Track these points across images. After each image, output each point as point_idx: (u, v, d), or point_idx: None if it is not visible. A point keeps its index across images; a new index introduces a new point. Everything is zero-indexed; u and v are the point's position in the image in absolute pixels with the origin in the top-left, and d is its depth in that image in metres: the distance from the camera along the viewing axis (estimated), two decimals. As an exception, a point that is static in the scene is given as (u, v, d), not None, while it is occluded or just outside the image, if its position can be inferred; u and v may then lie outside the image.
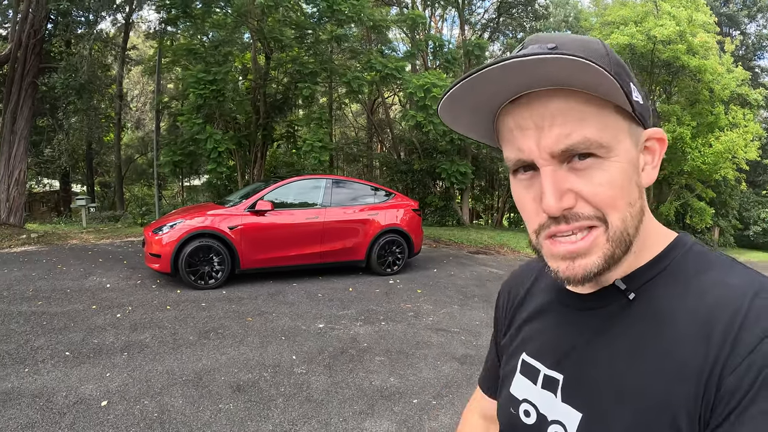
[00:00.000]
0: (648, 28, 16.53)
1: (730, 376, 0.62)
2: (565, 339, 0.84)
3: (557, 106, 0.69)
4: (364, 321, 6.67)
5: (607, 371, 0.75)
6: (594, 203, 0.70)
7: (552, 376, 0.84)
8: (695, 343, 0.66)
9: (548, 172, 0.71)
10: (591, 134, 0.69)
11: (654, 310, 0.74)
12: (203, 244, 7.82)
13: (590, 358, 0.78)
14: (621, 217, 0.71)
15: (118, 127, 21.78)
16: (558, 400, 0.81)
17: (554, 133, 0.69)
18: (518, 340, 0.97)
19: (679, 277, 0.75)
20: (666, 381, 0.67)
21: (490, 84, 0.69)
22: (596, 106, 0.69)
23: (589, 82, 0.66)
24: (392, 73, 13.31)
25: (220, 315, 6.58)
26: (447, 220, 20.35)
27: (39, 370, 4.71)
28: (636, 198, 0.73)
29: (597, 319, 0.80)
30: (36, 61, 13.56)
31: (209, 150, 12.59)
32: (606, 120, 0.70)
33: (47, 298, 6.95)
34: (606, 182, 0.70)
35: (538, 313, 0.95)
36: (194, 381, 4.60)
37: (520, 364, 0.93)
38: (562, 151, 0.69)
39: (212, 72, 12.44)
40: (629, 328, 0.75)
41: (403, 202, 10.00)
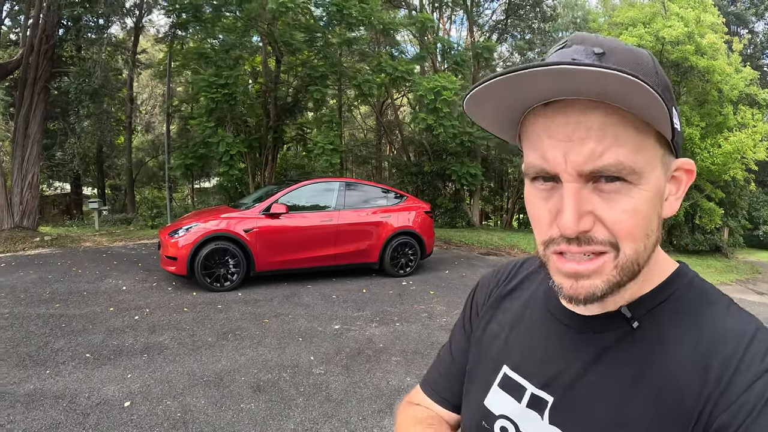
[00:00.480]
0: (656, 29, 16.43)
1: (723, 414, 0.64)
2: (559, 359, 0.81)
3: (596, 120, 0.64)
4: (379, 322, 6.72)
5: (604, 398, 0.73)
6: (613, 231, 0.67)
7: (540, 396, 0.81)
8: (692, 380, 0.68)
9: (572, 189, 0.66)
10: (625, 158, 0.65)
11: (655, 341, 0.73)
12: (219, 246, 7.89)
13: (586, 382, 0.76)
14: (635, 248, 0.68)
15: (128, 131, 21.86)
16: (544, 422, 0.79)
17: (586, 150, 0.64)
18: (497, 347, 0.93)
19: (680, 310, 0.74)
20: (662, 413, 0.68)
21: (531, 84, 0.63)
22: (636, 128, 0.65)
23: (637, 102, 0.61)
24: (402, 76, 13.33)
25: (237, 317, 6.65)
26: (457, 221, 20.29)
27: (60, 371, 4.78)
28: (654, 229, 0.71)
29: (597, 344, 0.78)
30: (48, 66, 13.65)
31: (221, 153, 12.65)
32: (643, 145, 0.66)
33: (64, 301, 7.03)
34: (631, 210, 0.67)
35: (526, 323, 0.91)
36: (215, 381, 4.66)
37: (501, 377, 0.89)
38: (591, 171, 0.65)
39: (224, 76, 12.50)
40: (630, 356, 0.74)
41: (415, 205, 10.05)
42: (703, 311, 0.73)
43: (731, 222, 22.02)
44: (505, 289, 1.00)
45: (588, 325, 0.79)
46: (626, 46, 0.70)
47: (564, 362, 0.80)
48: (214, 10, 13.48)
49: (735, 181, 19.77)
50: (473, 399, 0.92)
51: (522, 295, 0.96)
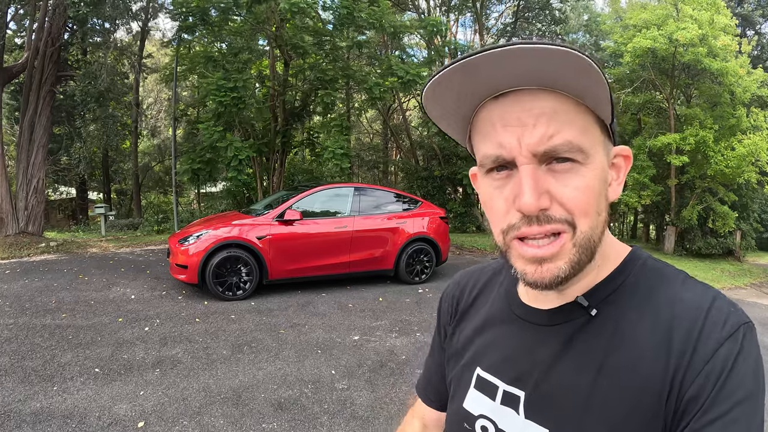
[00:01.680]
0: (670, 32, 16.25)
1: (691, 386, 0.66)
2: (525, 355, 0.83)
3: (545, 105, 0.69)
4: (399, 332, 6.47)
5: (572, 387, 0.75)
6: (568, 207, 0.70)
7: (512, 393, 0.83)
8: (656, 357, 0.70)
9: (529, 170, 0.70)
10: (574, 138, 0.69)
11: (615, 325, 0.75)
12: (231, 254, 7.65)
13: (554, 374, 0.78)
14: (589, 224, 0.72)
15: (134, 135, 21.77)
16: (520, 417, 0.81)
17: (538, 132, 0.69)
18: (470, 352, 0.96)
19: (637, 292, 0.77)
20: (632, 394, 0.70)
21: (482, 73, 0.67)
22: (582, 112, 0.71)
23: (583, 86, 0.67)
24: (414, 79, 13.12)
25: (252, 327, 6.41)
26: (467, 226, 20.13)
27: (68, 388, 4.55)
28: (603, 208, 0.74)
29: (558, 336, 0.80)
30: (54, 70, 13.51)
31: (230, 158, 12.42)
32: (587, 127, 0.71)
33: (71, 311, 6.81)
34: (582, 187, 0.70)
35: (491, 325, 0.94)
36: (233, 399, 4.41)
37: (475, 379, 0.91)
38: (545, 152, 0.69)
39: (233, 79, 12.29)
40: (592, 343, 0.76)
41: (430, 210, 9.79)
42: (658, 289, 0.76)
43: (743, 225, 21.83)
44: (470, 298, 1.03)
45: (548, 318, 0.82)
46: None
47: (530, 357, 0.82)
48: (221, 13, 13.26)
49: (747, 184, 19.56)
50: (454, 404, 0.96)
51: (486, 300, 0.99)
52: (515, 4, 24.39)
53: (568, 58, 0.63)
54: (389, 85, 13.47)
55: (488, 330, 0.93)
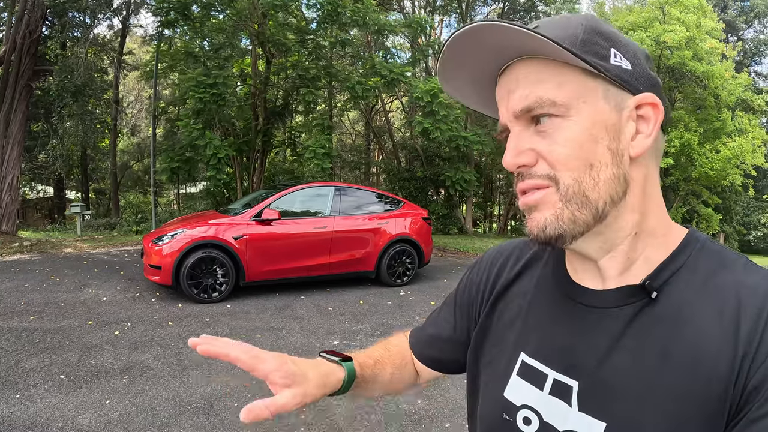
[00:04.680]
0: (657, 34, 16.27)
1: (755, 375, 0.63)
2: (579, 341, 0.77)
3: (521, 71, 0.73)
4: (380, 336, 6.23)
5: (632, 376, 0.71)
6: (549, 161, 0.71)
7: (564, 383, 0.77)
8: (723, 344, 0.66)
9: (514, 132, 0.74)
10: (544, 93, 0.71)
11: (677, 310, 0.71)
12: (206, 255, 7.41)
13: (612, 363, 0.73)
14: (574, 176, 0.70)
15: (113, 133, 21.42)
16: (573, 409, 0.75)
17: (517, 95, 0.73)
18: (512, 334, 0.88)
19: (697, 275, 0.72)
20: (698, 382, 0.66)
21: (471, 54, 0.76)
22: (555, 68, 0.71)
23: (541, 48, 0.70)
24: (397, 78, 12.97)
25: (227, 331, 6.18)
26: (450, 228, 20.02)
27: (32, 395, 4.32)
28: (606, 162, 0.71)
29: (617, 319, 0.74)
30: (31, 63, 13.22)
31: (208, 156, 12.19)
32: (567, 79, 0.71)
33: (40, 313, 6.58)
34: (562, 141, 0.71)
35: (537, 305, 0.87)
36: (205, 409, 4.18)
37: (519, 365, 0.84)
38: (521, 110, 0.73)
39: (212, 75, 12.06)
40: (652, 329, 0.71)
41: (412, 211, 9.61)
42: (720, 273, 0.72)
43: (727, 227, 22.00)
44: (511, 274, 0.95)
45: (603, 300, 0.77)
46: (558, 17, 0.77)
47: (585, 343, 0.77)
48: (202, 9, 13.02)
49: (731, 187, 19.72)
50: (491, 392, 0.88)
51: (531, 277, 0.92)
52: (500, 7, 24.35)
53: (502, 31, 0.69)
54: (372, 85, 13.31)
55: (534, 311, 0.87)
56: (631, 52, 0.74)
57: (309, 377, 0.86)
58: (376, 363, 1.07)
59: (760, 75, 35.75)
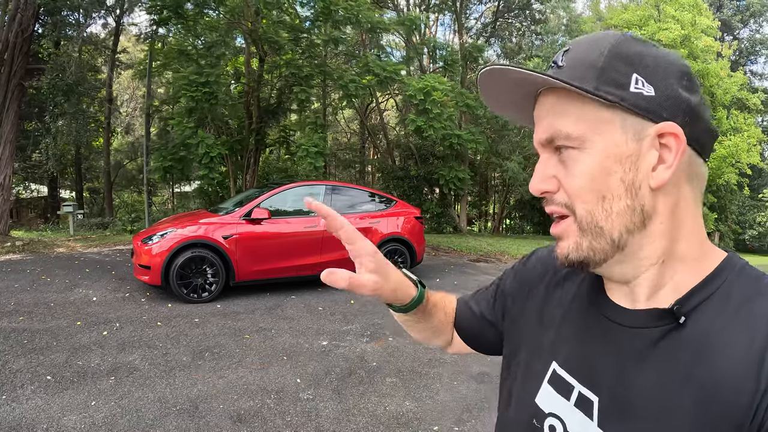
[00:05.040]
0: (651, 32, 16.23)
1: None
2: (602, 356, 0.78)
3: (548, 102, 0.77)
4: (370, 337, 6.23)
5: (651, 397, 0.70)
6: (566, 191, 0.74)
7: (587, 397, 0.78)
8: (746, 375, 0.63)
9: (542, 158, 0.78)
10: (563, 127, 0.73)
11: (704, 336, 0.69)
12: (196, 254, 7.35)
13: (630, 382, 0.73)
14: (587, 209, 0.72)
15: (107, 132, 21.31)
16: (593, 423, 0.76)
17: (542, 126, 0.77)
18: (548, 340, 0.89)
19: (730, 302, 0.70)
20: (716, 411, 0.64)
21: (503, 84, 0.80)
22: (575, 100, 0.73)
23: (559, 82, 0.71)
24: (391, 76, 12.92)
25: (215, 332, 6.13)
26: (444, 227, 20.00)
27: (17, 396, 4.28)
28: (619, 194, 0.71)
29: (641, 341, 0.74)
30: (23, 62, 13.13)
31: (201, 155, 12.13)
32: (583, 113, 0.72)
33: (29, 313, 6.52)
34: (577, 173, 0.73)
35: (574, 316, 0.87)
36: (189, 411, 4.15)
37: (551, 374, 0.85)
38: (545, 140, 0.77)
39: (204, 74, 11.99)
40: (677, 354, 0.70)
41: (404, 210, 9.57)
42: (754, 301, 0.69)
43: (722, 227, 21.99)
44: (555, 278, 0.96)
45: (632, 320, 0.77)
46: (589, 37, 0.78)
47: (607, 360, 0.77)
48: (196, 6, 12.95)
49: (726, 186, 19.69)
50: (524, 395, 0.89)
51: (572, 286, 0.92)
52: (495, 5, 24.32)
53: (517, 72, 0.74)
54: (366, 83, 13.27)
55: (570, 321, 0.88)
56: (659, 72, 0.72)
57: (391, 276, 0.94)
58: (436, 305, 1.12)
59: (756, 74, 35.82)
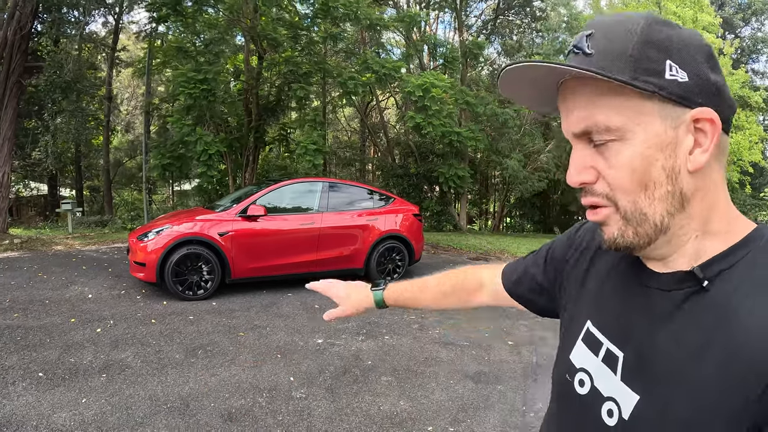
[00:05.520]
0: (652, 29, 16.16)
1: None
2: (630, 315, 0.82)
3: (582, 93, 0.75)
4: (366, 335, 6.18)
5: (670, 358, 0.73)
6: (609, 183, 0.75)
7: (613, 352, 0.82)
8: (763, 347, 0.64)
9: (576, 150, 0.78)
10: (602, 119, 0.73)
11: (726, 302, 0.70)
12: (191, 251, 7.30)
13: (653, 341, 0.76)
14: (631, 199, 0.74)
15: (106, 130, 21.26)
16: (617, 378, 0.80)
17: (575, 117, 0.77)
18: (586, 301, 0.95)
19: (755, 270, 0.71)
20: (732, 376, 0.65)
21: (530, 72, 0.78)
22: (611, 90, 0.72)
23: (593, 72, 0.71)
24: (390, 73, 12.87)
25: (210, 329, 6.08)
26: (444, 225, 19.92)
27: (9, 393, 4.25)
28: (661, 181, 0.73)
29: (666, 302, 0.77)
30: (22, 60, 13.08)
31: (199, 153, 12.09)
32: (621, 104, 0.72)
33: (24, 310, 6.49)
34: (619, 165, 0.73)
35: (609, 279, 0.92)
36: (180, 408, 4.10)
37: (584, 332, 0.91)
38: (580, 132, 0.77)
39: (203, 71, 11.95)
40: (699, 317, 0.72)
41: (403, 207, 9.51)
42: None
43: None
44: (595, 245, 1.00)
45: (660, 282, 0.80)
46: (614, 20, 0.76)
47: (635, 319, 0.81)
48: (194, 4, 12.90)
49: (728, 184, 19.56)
50: (562, 352, 0.96)
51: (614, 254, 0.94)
52: (495, 2, 24.23)
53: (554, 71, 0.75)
54: (365, 81, 13.22)
55: (605, 284, 0.93)
56: (689, 57, 0.73)
57: (351, 299, 1.47)
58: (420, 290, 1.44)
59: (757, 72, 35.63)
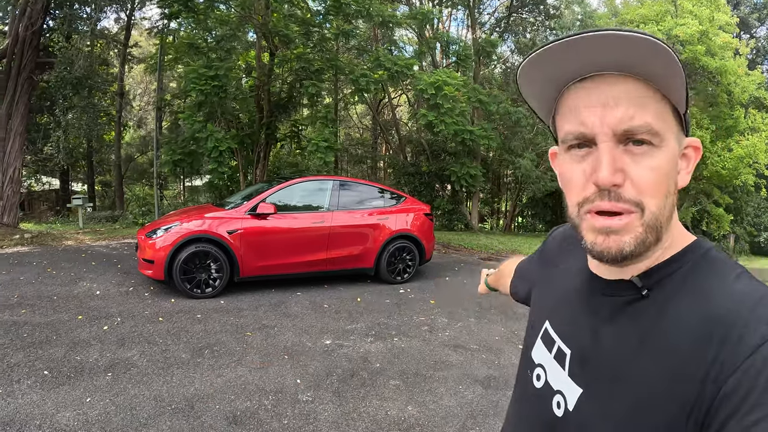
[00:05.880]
0: (668, 28, 15.89)
1: (729, 379, 0.65)
2: (579, 318, 0.89)
3: (624, 89, 0.74)
4: (375, 337, 6.09)
5: (610, 356, 0.79)
6: (640, 187, 0.73)
7: (562, 350, 0.90)
8: (698, 344, 0.69)
9: (607, 147, 0.74)
10: (651, 121, 0.73)
11: (663, 307, 0.77)
12: (200, 249, 7.22)
13: (598, 341, 0.83)
14: (658, 204, 0.75)
15: (118, 126, 21.31)
16: (565, 373, 0.87)
17: (619, 113, 0.73)
18: (548, 303, 1.03)
19: (691, 279, 0.78)
20: (667, 376, 0.70)
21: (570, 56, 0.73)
22: (658, 99, 0.74)
23: (662, 74, 0.72)
24: (402, 71, 12.74)
25: (217, 329, 6.01)
26: (455, 224, 19.78)
27: (13, 391, 4.19)
28: (673, 191, 0.77)
29: (610, 306, 0.83)
30: (33, 56, 13.06)
31: (210, 149, 12.04)
32: (662, 113, 0.75)
33: (32, 306, 6.46)
34: (654, 168, 0.74)
35: (566, 283, 0.99)
36: (185, 410, 4.03)
37: (543, 331, 0.98)
38: (624, 131, 0.73)
39: (214, 67, 11.88)
40: (638, 320, 0.78)
41: (414, 206, 9.39)
42: (711, 279, 0.76)
43: (737, 228, 21.61)
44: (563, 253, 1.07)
45: (605, 288, 0.86)
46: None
47: (581, 321, 0.89)
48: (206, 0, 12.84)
49: (742, 187, 19.31)
50: (526, 351, 1.04)
51: (570, 259, 1.03)
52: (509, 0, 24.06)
53: (654, 48, 0.68)
54: (377, 78, 13.11)
55: (565, 288, 0.99)
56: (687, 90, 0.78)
57: None
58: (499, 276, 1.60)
59: (774, 73, 35.28)
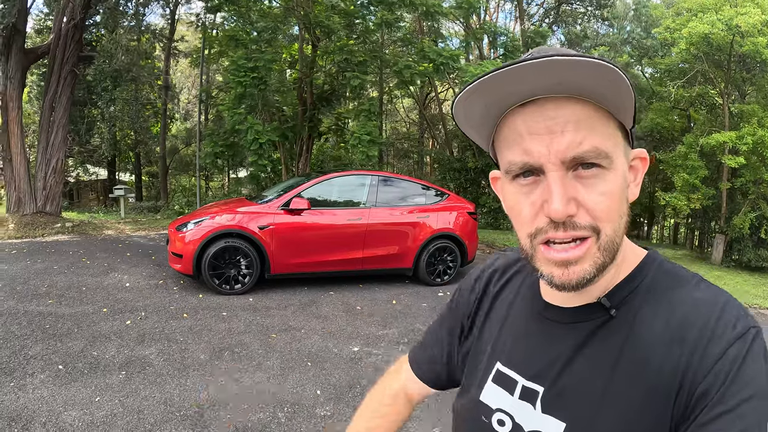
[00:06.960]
0: (729, 17, 14.91)
1: (701, 383, 0.67)
2: (545, 351, 0.85)
3: (571, 112, 0.70)
4: (407, 345, 5.67)
5: (589, 382, 0.77)
6: (594, 214, 0.71)
7: (531, 388, 0.85)
8: (669, 354, 0.71)
9: (557, 177, 0.71)
10: (600, 144, 0.70)
11: (631, 324, 0.77)
12: (230, 244, 6.98)
13: (573, 370, 0.80)
14: (613, 227, 0.73)
15: (164, 118, 21.59)
16: (537, 411, 0.82)
17: (566, 140, 0.70)
18: (491, 346, 0.96)
19: (652, 292, 0.79)
20: (645, 389, 0.71)
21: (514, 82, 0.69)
22: (604, 117, 0.72)
23: (610, 95, 0.69)
24: (447, 63, 12.32)
25: (241, 328, 5.74)
26: (501, 222, 19.20)
27: (25, 385, 4.07)
28: (625, 211, 0.76)
29: (578, 333, 0.81)
30: (75, 49, 13.20)
31: (250, 141, 11.86)
32: (610, 132, 0.72)
33: (60, 296, 6.39)
34: (607, 192, 0.72)
35: (514, 320, 0.94)
36: (193, 418, 3.74)
37: (494, 373, 0.92)
38: (573, 158, 0.70)
39: (253, 59, 11.71)
40: (609, 341, 0.78)
41: (457, 204, 8.90)
42: (673, 290, 0.78)
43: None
44: (494, 291, 1.01)
45: (569, 317, 0.84)
46: None
47: (550, 354, 0.84)
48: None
49: (761, 185, 17.96)
50: (471, 395, 0.95)
51: (509, 294, 0.98)
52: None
53: (604, 71, 0.65)
54: (422, 70, 12.73)
55: (510, 325, 0.94)
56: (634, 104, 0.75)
57: None
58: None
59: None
